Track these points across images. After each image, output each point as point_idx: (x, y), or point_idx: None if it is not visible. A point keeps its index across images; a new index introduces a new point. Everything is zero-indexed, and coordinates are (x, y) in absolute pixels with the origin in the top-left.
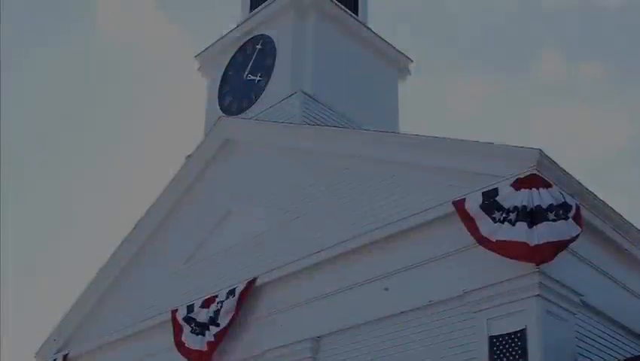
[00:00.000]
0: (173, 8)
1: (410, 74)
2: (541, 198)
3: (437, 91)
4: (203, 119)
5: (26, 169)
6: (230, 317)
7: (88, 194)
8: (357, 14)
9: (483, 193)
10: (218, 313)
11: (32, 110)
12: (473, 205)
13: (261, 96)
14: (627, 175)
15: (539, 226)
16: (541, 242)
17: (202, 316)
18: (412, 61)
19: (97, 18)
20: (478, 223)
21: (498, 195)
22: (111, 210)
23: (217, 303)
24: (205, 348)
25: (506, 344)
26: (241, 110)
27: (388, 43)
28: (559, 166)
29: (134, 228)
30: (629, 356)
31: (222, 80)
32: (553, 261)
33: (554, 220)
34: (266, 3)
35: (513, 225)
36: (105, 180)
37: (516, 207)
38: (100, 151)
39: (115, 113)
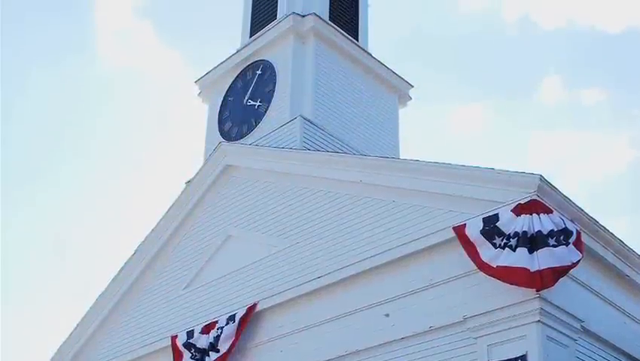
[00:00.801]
0: (173, 34)
1: (411, 99)
2: (542, 223)
3: (438, 116)
4: (203, 144)
5: (27, 194)
6: (230, 343)
7: (88, 219)
8: (357, 40)
9: (483, 219)
10: (218, 339)
11: (31, 138)
12: (473, 231)
13: (261, 122)
14: (627, 200)
15: (540, 251)
16: (542, 268)
17: (203, 342)
18: (412, 86)
19: (97, 46)
20: (479, 249)
21: (498, 220)
22: (111, 235)
23: (218, 329)
24: None
25: None
26: (241, 136)
27: (389, 69)
28: (559, 192)
29: (134, 253)
30: None
31: (222, 106)
32: (553, 287)
33: (555, 246)
34: (266, 28)
35: (514, 250)
36: (104, 205)
37: (516, 233)
38: (100, 176)
39: (115, 139)
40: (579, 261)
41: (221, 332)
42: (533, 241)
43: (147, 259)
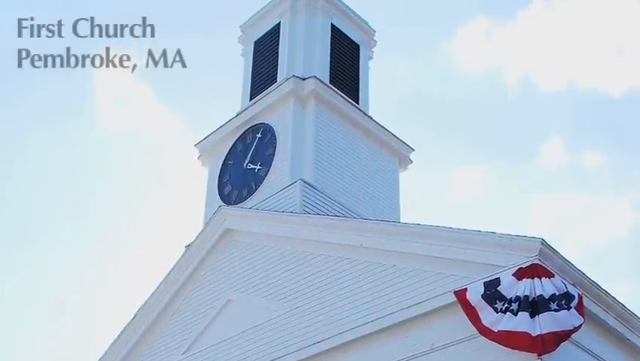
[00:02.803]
0: (173, 97)
1: (412, 163)
2: (543, 287)
3: (439, 179)
4: (203, 208)
5: (26, 255)
6: None
7: (86, 283)
8: (357, 102)
9: (484, 283)
10: None
11: (30, 200)
12: (474, 295)
13: (261, 185)
14: (629, 264)
15: (541, 316)
16: (544, 332)
17: None
18: (413, 149)
19: (96, 108)
20: (480, 313)
21: (499, 284)
22: (109, 299)
23: None
24: None
25: None
26: (241, 200)
27: (389, 132)
28: (561, 255)
29: (133, 317)
30: None
31: (222, 169)
32: (555, 351)
33: (556, 310)
34: (266, 91)
35: (515, 315)
36: (104, 267)
37: (518, 297)
38: (99, 239)
39: (114, 202)
40: (581, 325)
41: None
42: (534, 306)
43: (147, 322)
